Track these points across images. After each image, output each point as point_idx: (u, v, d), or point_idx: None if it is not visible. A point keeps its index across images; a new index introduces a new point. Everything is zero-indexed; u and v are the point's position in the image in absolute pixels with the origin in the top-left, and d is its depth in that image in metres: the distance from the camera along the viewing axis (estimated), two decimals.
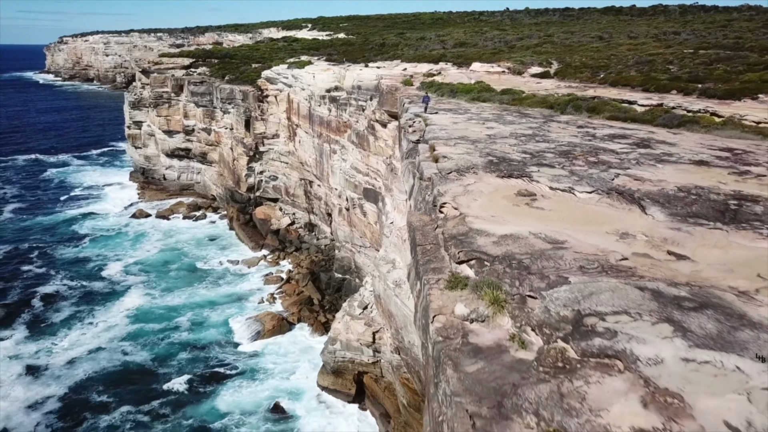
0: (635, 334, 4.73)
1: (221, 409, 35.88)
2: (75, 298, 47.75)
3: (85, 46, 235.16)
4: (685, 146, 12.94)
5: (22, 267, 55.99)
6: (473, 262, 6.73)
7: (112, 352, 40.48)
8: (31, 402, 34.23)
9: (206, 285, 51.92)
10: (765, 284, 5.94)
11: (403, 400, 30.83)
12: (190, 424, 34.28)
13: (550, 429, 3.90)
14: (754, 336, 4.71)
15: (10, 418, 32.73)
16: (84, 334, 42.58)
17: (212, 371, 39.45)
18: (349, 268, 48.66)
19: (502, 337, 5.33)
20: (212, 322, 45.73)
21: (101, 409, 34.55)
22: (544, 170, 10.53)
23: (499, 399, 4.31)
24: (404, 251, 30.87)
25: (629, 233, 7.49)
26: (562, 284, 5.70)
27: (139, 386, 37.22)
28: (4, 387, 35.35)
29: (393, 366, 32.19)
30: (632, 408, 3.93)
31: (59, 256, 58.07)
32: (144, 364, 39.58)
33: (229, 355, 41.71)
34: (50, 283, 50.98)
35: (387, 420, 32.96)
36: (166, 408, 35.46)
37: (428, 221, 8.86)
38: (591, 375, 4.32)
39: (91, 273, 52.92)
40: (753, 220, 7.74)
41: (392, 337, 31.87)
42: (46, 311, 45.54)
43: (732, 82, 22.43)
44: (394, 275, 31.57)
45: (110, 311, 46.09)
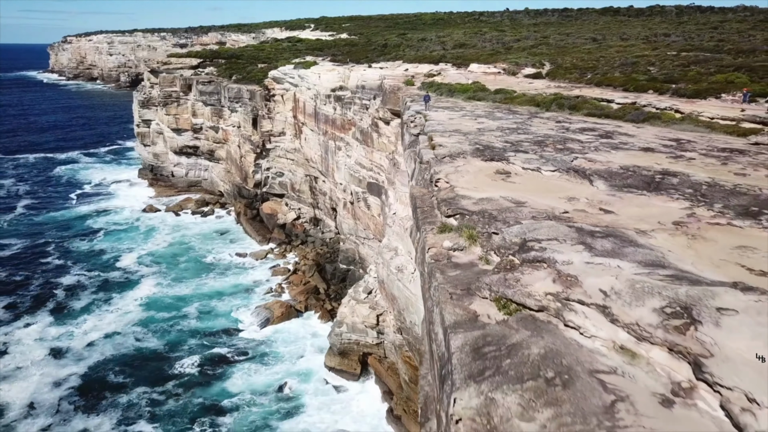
0: (558, 249, 7.32)
1: (232, 389, 38.35)
2: (94, 287, 50.42)
3: (89, 46, 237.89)
4: (642, 137, 15.51)
5: (40, 259, 58.70)
6: (457, 216, 9.33)
7: (127, 336, 43.16)
8: (55, 380, 36.94)
9: (215, 276, 54.53)
10: (660, 227, 8.54)
11: (404, 376, 33.42)
12: (201, 402, 36.73)
13: (497, 297, 6.50)
14: (635, 250, 7.31)
15: (37, 393, 35.43)
16: (101, 320, 45.27)
17: (223, 356, 41.95)
18: (354, 259, 51.26)
19: (474, 258, 7.93)
20: (222, 310, 48.30)
21: (118, 387, 37.18)
22: (520, 155, 13.12)
23: (467, 286, 6.91)
24: (406, 239, 33.46)
25: (576, 198, 10.09)
26: (514, 223, 8.31)
27: (152, 368, 39.81)
28: (31, 366, 38.02)
29: (395, 346, 34.77)
30: (546, 284, 6.52)
31: (75, 248, 60.73)
32: (157, 349, 42.13)
33: (240, 341, 44.23)
34: (70, 274, 53.67)
35: (390, 397, 35.57)
36: (178, 388, 37.96)
37: (426, 192, 11.46)
38: (525, 270, 6.92)
39: (107, 264, 55.63)
40: (669, 189, 10.33)
41: (395, 319, 34.47)
42: (67, 299, 48.24)
43: (701, 82, 24.95)
44: (396, 261, 34.16)
45: (125, 299, 48.76)
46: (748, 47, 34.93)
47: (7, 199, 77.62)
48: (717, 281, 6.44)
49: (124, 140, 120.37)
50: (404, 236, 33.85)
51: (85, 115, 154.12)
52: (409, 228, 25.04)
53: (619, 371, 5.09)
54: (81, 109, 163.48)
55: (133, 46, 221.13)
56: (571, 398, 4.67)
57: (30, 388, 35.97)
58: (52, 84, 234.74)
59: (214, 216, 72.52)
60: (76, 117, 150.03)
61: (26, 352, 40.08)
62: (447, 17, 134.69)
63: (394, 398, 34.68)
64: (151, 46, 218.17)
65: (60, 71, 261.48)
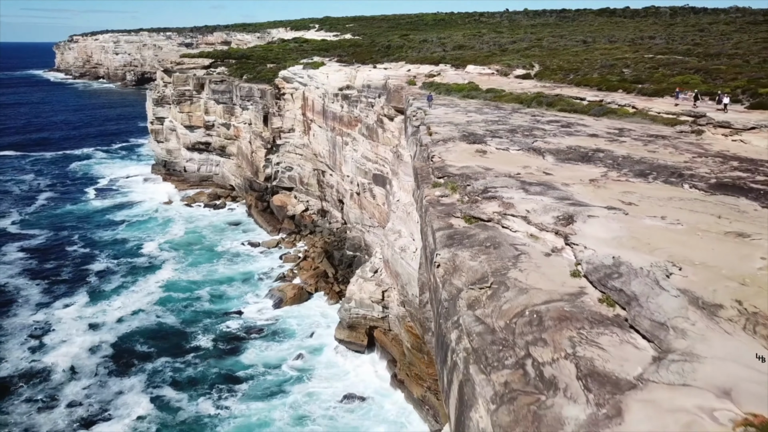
0: (505, 191, 11.70)
1: (248, 361, 42.34)
2: (122, 271, 55.02)
3: (95, 45, 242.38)
4: (594, 127, 19.83)
5: (67, 248, 63.12)
6: (445, 177, 13.70)
7: (150, 314, 47.72)
8: (92, 347, 41.52)
9: (230, 263, 58.89)
10: (578, 182, 12.89)
11: (407, 344, 37.76)
12: (217, 371, 40.82)
13: (464, 215, 10.86)
14: (554, 192, 11.68)
15: (78, 358, 40.04)
16: (129, 300, 49.81)
17: (240, 333, 46.09)
18: (360, 246, 55.58)
19: (454, 200, 12.30)
20: (238, 293, 52.60)
21: (144, 356, 41.68)
22: (496, 140, 17.48)
23: (448, 212, 11.27)
24: (408, 223, 37.80)
25: (529, 166, 14.45)
26: (482, 179, 12.70)
27: (173, 341, 44.18)
28: (73, 337, 42.63)
29: (399, 317, 39.10)
30: (494, 207, 10.88)
31: (98, 238, 65.15)
32: (175, 325, 46.45)
33: (255, 320, 48.42)
34: (98, 261, 58.21)
35: (394, 364, 39.89)
36: (196, 359, 42.13)
37: (424, 165, 15.83)
38: (483, 202, 11.29)
39: (131, 251, 60.14)
40: (596, 160, 14.68)
41: (398, 293, 38.81)
42: (99, 282, 52.85)
43: (663, 83, 29.14)
44: (400, 242, 38.48)
45: (148, 282, 53.23)
46: (714, 51, 39.14)
47: (29, 193, 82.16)
48: (596, 205, 10.80)
49: (135, 137, 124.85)
50: (407, 220, 38.17)
51: (94, 113, 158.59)
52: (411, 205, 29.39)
53: (526, 244, 9.47)
54: (90, 108, 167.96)
55: (138, 45, 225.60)
56: (497, 252, 9.05)
57: (72, 353, 40.57)
58: (59, 83, 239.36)
59: (226, 209, 76.88)
60: (87, 115, 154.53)
61: (67, 328, 44.63)
62: (448, 18, 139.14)
63: (397, 365, 39.01)
64: (156, 46, 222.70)
65: (66, 70, 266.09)
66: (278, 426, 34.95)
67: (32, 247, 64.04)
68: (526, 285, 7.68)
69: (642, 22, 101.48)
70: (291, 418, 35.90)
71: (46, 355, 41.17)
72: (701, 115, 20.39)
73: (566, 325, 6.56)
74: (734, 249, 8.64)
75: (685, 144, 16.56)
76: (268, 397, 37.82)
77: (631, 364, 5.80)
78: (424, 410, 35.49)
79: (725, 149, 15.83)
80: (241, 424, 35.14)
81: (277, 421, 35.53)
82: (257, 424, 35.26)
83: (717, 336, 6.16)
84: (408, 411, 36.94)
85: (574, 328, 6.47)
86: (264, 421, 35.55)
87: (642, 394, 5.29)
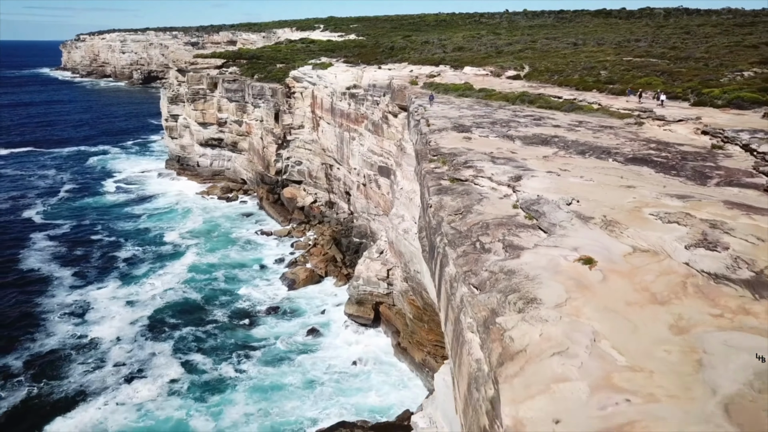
0: (479, 164, 16.73)
1: (264, 332, 47.48)
2: (149, 258, 60.19)
3: (102, 44, 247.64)
4: (561, 120, 24.79)
5: (91, 237, 68.24)
6: (438, 155, 18.72)
7: (178, 291, 52.84)
8: (131, 321, 46.74)
9: (246, 249, 64.01)
10: (534, 158, 17.89)
11: (409, 315, 42.79)
12: (235, 341, 45.91)
13: (450, 177, 15.88)
14: (514, 163, 16.71)
15: (121, 330, 45.27)
16: (158, 281, 54.92)
17: (257, 309, 51.15)
18: (366, 233, 60.61)
19: (444, 170, 17.32)
20: (255, 275, 57.69)
21: (174, 326, 46.95)
22: (479, 129, 22.49)
23: (439, 177, 16.30)
24: (410, 208, 42.75)
25: (500, 148, 19.46)
26: (464, 156, 17.75)
27: (197, 314, 49.30)
28: (113, 313, 47.94)
29: (402, 292, 44.12)
30: (470, 173, 15.92)
31: (121, 228, 70.26)
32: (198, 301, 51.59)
33: (271, 299, 53.47)
34: (124, 249, 63.35)
35: (397, 335, 44.92)
36: (222, 330, 47.27)
37: (423, 148, 20.86)
38: (463, 170, 16.33)
39: (155, 240, 65.30)
40: (551, 144, 19.69)
41: (402, 270, 43.82)
42: (128, 268, 57.99)
43: (630, 83, 34.02)
44: (403, 225, 43.47)
45: (174, 266, 58.36)
46: (684, 55, 43.97)
47: (52, 186, 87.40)
48: (540, 171, 15.80)
49: (146, 134, 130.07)
50: (409, 205, 43.13)
51: (105, 111, 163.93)
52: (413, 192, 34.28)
53: (488, 193, 14.50)
54: (100, 106, 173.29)
55: (145, 44, 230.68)
56: (468, 197, 14.12)
57: (115, 325, 45.99)
58: (67, 81, 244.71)
59: (238, 201, 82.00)
60: (98, 113, 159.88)
61: (106, 306, 49.81)
62: (449, 18, 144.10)
63: (400, 335, 44.04)
64: (163, 45, 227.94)
65: (73, 68, 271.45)
66: (289, 389, 39.75)
67: (58, 235, 69.08)
68: (483, 212, 12.71)
69: (636, 23, 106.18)
70: (301, 381, 40.67)
71: (90, 328, 46.33)
72: (650, 110, 25.27)
73: (501, 228, 11.59)
74: (619, 193, 13.65)
75: (624, 132, 21.53)
76: (280, 364, 42.77)
77: (532, 241, 10.83)
78: (424, 372, 40.45)
79: (653, 136, 20.76)
80: (256, 385, 40.04)
81: (288, 385, 40.29)
82: (270, 386, 40.08)
83: (583, 230, 11.19)
84: (409, 375, 41.84)
85: (506, 229, 11.50)
86: (276, 384, 40.40)
87: (532, 250, 10.33)
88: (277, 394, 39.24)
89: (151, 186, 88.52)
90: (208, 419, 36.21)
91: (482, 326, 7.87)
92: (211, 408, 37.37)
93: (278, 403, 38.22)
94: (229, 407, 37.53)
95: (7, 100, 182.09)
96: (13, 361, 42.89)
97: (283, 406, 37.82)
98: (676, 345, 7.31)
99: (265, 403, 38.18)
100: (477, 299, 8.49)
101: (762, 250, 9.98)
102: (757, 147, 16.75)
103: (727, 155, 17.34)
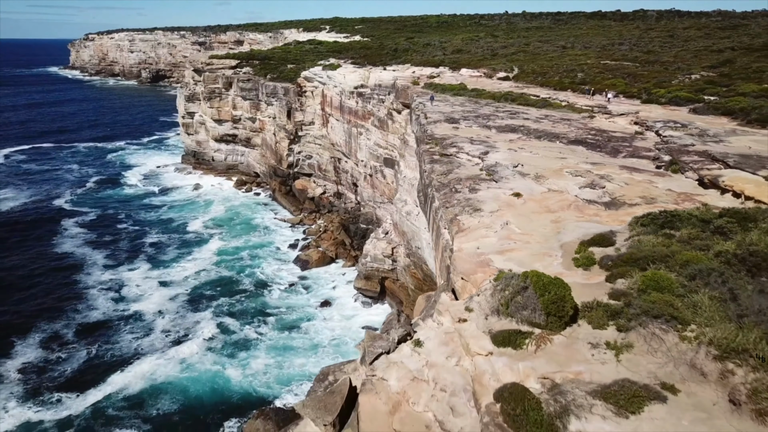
0: (462, 144, 23.51)
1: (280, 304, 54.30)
2: (175, 244, 66.91)
3: (111, 44, 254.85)
4: (532, 114, 31.45)
5: (117, 225, 75.05)
6: (433, 140, 25.51)
7: (210, 271, 59.57)
8: (170, 297, 53.48)
9: (264, 234, 70.83)
10: (503, 141, 24.63)
11: (411, 287, 49.53)
12: (256, 309, 52.75)
13: (440, 153, 22.65)
14: (486, 144, 23.48)
15: (162, 304, 52.02)
16: (189, 263, 61.65)
17: (276, 285, 57.96)
18: (372, 220, 67.36)
19: (436, 149, 24.10)
20: (273, 257, 64.49)
21: (209, 298, 53.73)
22: (465, 122, 29.26)
23: (432, 153, 23.07)
24: (412, 193, 49.42)
25: (480, 134, 26.23)
26: (451, 140, 24.56)
27: (226, 288, 56.08)
28: (149, 291, 54.65)
29: (405, 267, 50.86)
30: (455, 150, 22.68)
31: (143, 218, 77.03)
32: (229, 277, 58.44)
33: (287, 277, 60.25)
34: (149, 235, 70.08)
35: (401, 305, 51.66)
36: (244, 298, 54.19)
37: (422, 135, 27.67)
38: (449, 148, 23.12)
39: (179, 228, 72.12)
40: (518, 131, 26.46)
41: (405, 248, 50.58)
42: (156, 253, 64.68)
43: (598, 84, 40.63)
44: (406, 208, 50.18)
45: (202, 251, 65.13)
46: (653, 59, 50.50)
47: (80, 178, 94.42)
48: (504, 149, 22.53)
49: (159, 131, 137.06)
50: (411, 191, 49.82)
51: (117, 108, 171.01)
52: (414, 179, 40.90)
53: (465, 163, 21.31)
54: (112, 103, 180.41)
55: (153, 43, 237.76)
56: (450, 165, 20.99)
57: (155, 300, 52.67)
58: (76, 80, 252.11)
59: (252, 193, 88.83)
60: (110, 110, 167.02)
61: (141, 285, 56.51)
62: (450, 20, 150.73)
63: (403, 304, 50.79)
64: (170, 44, 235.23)
65: (81, 67, 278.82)
66: (297, 350, 46.49)
67: (87, 222, 75.76)
68: (459, 173, 19.47)
69: (627, 25, 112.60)
70: (308, 345, 47.43)
71: (130, 304, 52.90)
72: (604, 106, 31.89)
73: (469, 180, 18.36)
74: (553, 162, 20.37)
75: (577, 123, 28.24)
76: (292, 329, 49.60)
77: (486, 186, 17.60)
78: None
79: (598, 126, 27.43)
80: (271, 345, 46.86)
81: (296, 348, 47.03)
82: (282, 347, 46.83)
83: (520, 180, 17.96)
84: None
85: (471, 181, 18.26)
86: (287, 345, 47.16)
87: (485, 190, 17.13)
88: (289, 352, 46.20)
89: (169, 179, 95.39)
90: (238, 369, 43.12)
91: (449, 222, 14.64)
92: (240, 361, 44.30)
93: (289, 359, 45.21)
94: (252, 360, 44.49)
95: (23, 99, 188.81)
96: (64, 330, 49.49)
97: (293, 362, 44.81)
98: (550, 227, 14.05)
99: (279, 358, 45.15)
100: (448, 210, 15.26)
101: (624, 189, 16.72)
102: (662, 132, 23.39)
103: (642, 138, 24.04)
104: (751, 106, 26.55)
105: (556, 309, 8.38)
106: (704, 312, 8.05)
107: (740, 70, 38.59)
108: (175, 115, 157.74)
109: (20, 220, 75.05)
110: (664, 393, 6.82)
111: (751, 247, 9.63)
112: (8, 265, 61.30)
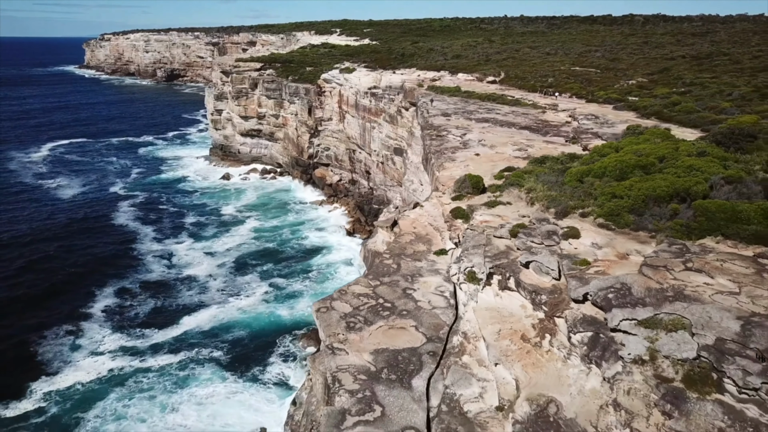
0: (450, 129, 37.11)
1: (316, 263, 67.85)
2: (214, 224, 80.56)
3: (127, 44, 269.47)
4: (503, 110, 44.86)
5: (160, 206, 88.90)
6: (431, 127, 39.12)
7: (250, 244, 73.30)
8: (217, 264, 67.10)
9: (296, 213, 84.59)
10: (478, 129, 38.21)
11: None
12: (300, 268, 66.28)
13: (435, 134, 36.24)
14: (465, 130, 37.12)
15: (211, 270, 65.55)
16: (228, 239, 75.35)
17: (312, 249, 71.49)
18: (383, 201, 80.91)
19: (434, 133, 37.66)
20: (306, 229, 78.16)
21: (255, 264, 67.37)
22: (455, 115, 42.92)
23: (430, 135, 36.69)
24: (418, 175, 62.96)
25: (463, 124, 39.82)
26: (444, 127, 38.26)
27: (270, 256, 69.66)
28: (197, 259, 68.12)
29: None
30: (444, 133, 36.24)
31: (181, 202, 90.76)
32: (271, 247, 72.07)
33: (319, 243, 73.80)
34: (188, 216, 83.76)
35: None
36: (290, 262, 67.75)
37: (424, 124, 41.30)
38: (442, 131, 36.70)
39: (213, 212, 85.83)
40: (489, 122, 40.09)
41: None
42: (197, 230, 78.29)
43: (561, 87, 53.86)
44: (412, 187, 63.63)
45: (239, 229, 78.80)
46: (612, 66, 63.61)
47: (124, 168, 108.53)
48: (477, 131, 36.09)
49: (183, 127, 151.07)
50: (417, 173, 63.29)
51: (138, 106, 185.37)
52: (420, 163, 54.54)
53: (451, 140, 35.00)
54: (132, 101, 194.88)
55: (168, 44, 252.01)
56: (442, 141, 34.77)
57: (205, 268, 66.12)
58: (93, 79, 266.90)
59: (277, 180, 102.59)
60: (132, 107, 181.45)
61: (188, 255, 70.01)
62: (453, 23, 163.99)
63: None
64: (185, 44, 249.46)
65: (97, 66, 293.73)
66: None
67: (138, 203, 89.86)
68: (447, 145, 33.12)
69: (614, 30, 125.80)
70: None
71: (182, 269, 66.12)
72: (556, 104, 45.20)
73: (452, 149, 32.01)
74: (505, 138, 33.92)
75: (532, 116, 41.63)
76: (326, 281, 63.19)
77: (461, 150, 31.23)
78: None
79: (545, 118, 40.75)
80: (312, 294, 60.37)
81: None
82: (320, 294, 60.38)
83: (481, 148, 31.63)
84: None
85: (454, 148, 31.89)
86: (323, 292, 60.73)
87: (460, 153, 30.81)
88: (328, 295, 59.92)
89: (200, 170, 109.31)
90: (287, 310, 56.73)
91: (438, 167, 28.29)
92: (288, 305, 57.88)
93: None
94: (297, 304, 58.11)
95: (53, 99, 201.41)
96: (130, 285, 62.91)
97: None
98: (490, 166, 27.58)
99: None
100: (438, 161, 28.88)
101: (538, 152, 30.21)
102: (581, 121, 36.82)
103: (568, 125, 37.45)
104: (650, 104, 39.89)
105: (476, 185, 21.91)
106: (535, 185, 21.51)
107: (667, 77, 51.78)
108: (194, 112, 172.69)
109: (83, 203, 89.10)
110: (506, 201, 20.37)
111: (566, 165, 23.07)
112: (80, 235, 75.19)
